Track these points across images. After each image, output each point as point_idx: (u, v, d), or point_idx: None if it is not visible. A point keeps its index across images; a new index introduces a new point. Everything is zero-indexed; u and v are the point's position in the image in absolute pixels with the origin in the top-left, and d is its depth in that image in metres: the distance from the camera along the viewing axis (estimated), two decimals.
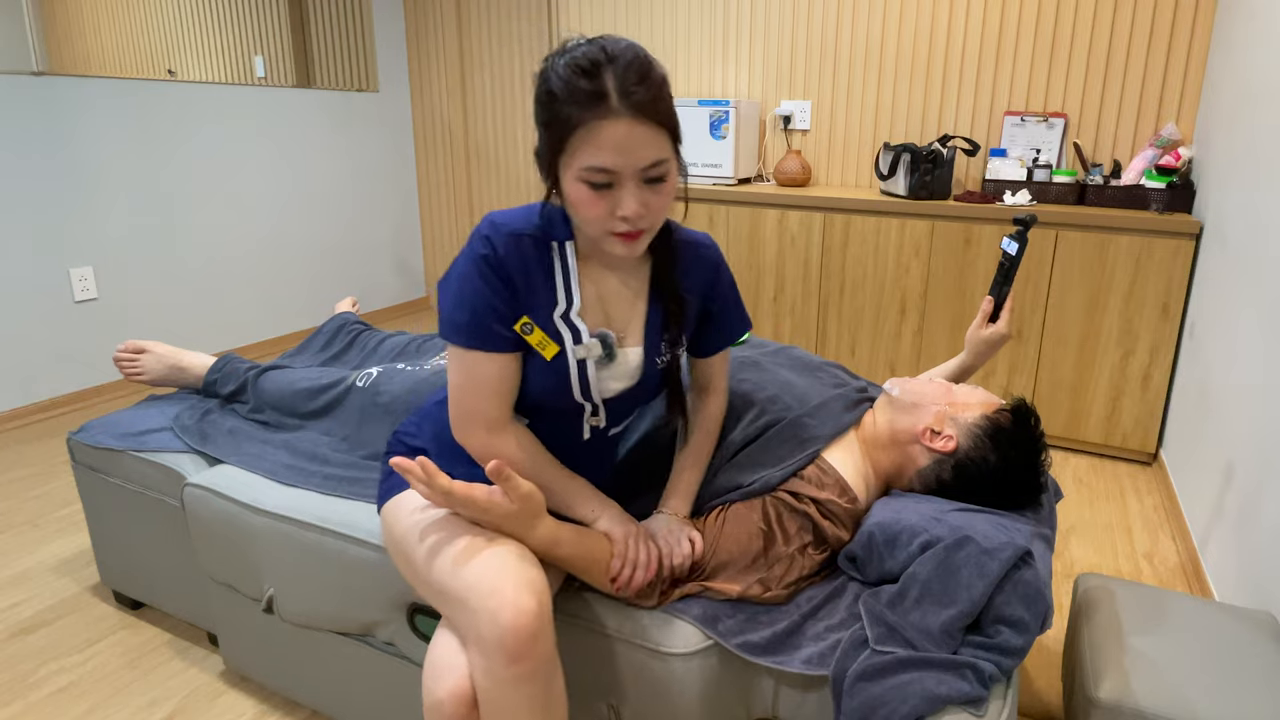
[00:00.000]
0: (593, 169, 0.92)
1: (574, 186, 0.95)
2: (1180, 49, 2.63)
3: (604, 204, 0.94)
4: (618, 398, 1.13)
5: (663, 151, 0.94)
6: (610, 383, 1.10)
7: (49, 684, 1.58)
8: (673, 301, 1.11)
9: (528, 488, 1.00)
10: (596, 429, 1.16)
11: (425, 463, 0.96)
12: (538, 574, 0.98)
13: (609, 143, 0.90)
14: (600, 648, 1.12)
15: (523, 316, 1.04)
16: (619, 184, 0.94)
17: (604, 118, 0.90)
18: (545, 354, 1.05)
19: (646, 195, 0.95)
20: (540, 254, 1.04)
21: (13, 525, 2.16)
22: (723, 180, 3.11)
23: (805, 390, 1.33)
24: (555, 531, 1.05)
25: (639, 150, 0.92)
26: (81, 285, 2.94)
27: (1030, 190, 2.68)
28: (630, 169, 0.93)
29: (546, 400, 1.08)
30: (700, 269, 1.15)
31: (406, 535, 1.07)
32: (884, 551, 1.12)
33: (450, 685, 0.96)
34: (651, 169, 0.94)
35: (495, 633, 0.92)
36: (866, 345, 2.89)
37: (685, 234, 1.15)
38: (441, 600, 1.00)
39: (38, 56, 2.72)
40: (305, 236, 3.80)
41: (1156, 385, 2.48)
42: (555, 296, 1.06)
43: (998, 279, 1.40)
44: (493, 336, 1.03)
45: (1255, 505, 1.61)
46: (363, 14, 3.91)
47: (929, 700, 0.94)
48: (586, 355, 1.07)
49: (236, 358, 1.79)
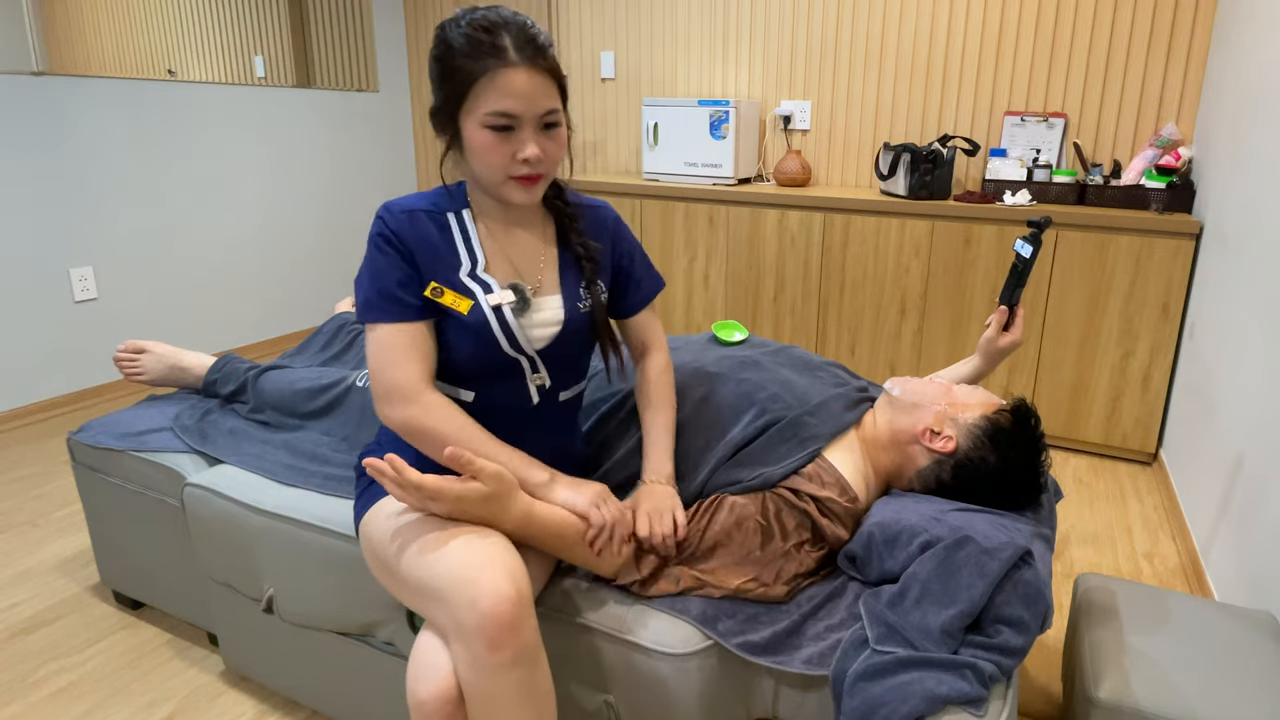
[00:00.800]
0: (496, 113, 1.00)
1: (477, 133, 1.02)
2: (1180, 49, 2.63)
3: (506, 148, 1.02)
4: (552, 348, 1.14)
5: (556, 101, 1.04)
6: (535, 330, 1.12)
7: (49, 684, 1.58)
8: (579, 239, 1.17)
9: (494, 466, 1.01)
10: (543, 389, 1.16)
11: (393, 459, 0.97)
12: (514, 560, 0.99)
13: (510, 89, 1.00)
14: (600, 647, 1.12)
15: (430, 283, 1.08)
16: (519, 128, 1.02)
17: (505, 67, 0.99)
18: (461, 309, 1.08)
19: (544, 140, 1.04)
20: (437, 225, 1.11)
21: (13, 525, 2.16)
22: (723, 180, 3.11)
23: (806, 389, 1.34)
24: (528, 506, 1.05)
25: (537, 97, 1.01)
26: (81, 285, 2.94)
27: (1030, 190, 2.68)
28: (530, 113, 1.01)
29: (479, 361, 1.10)
30: (600, 225, 1.22)
31: (381, 542, 1.07)
32: (884, 551, 1.12)
33: (433, 685, 0.96)
34: (548, 115, 1.03)
35: (475, 620, 0.92)
36: (866, 345, 2.89)
37: (581, 197, 1.23)
38: (420, 599, 1.00)
39: (38, 56, 2.72)
40: (305, 236, 3.80)
41: (1156, 385, 2.48)
42: (459, 259, 1.11)
43: (1010, 283, 1.39)
44: (400, 305, 1.07)
45: (1255, 505, 1.61)
46: (363, 14, 3.91)
47: (929, 700, 0.94)
48: (500, 301, 1.10)
49: (236, 358, 1.79)
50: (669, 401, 1.27)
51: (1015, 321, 1.40)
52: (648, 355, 1.30)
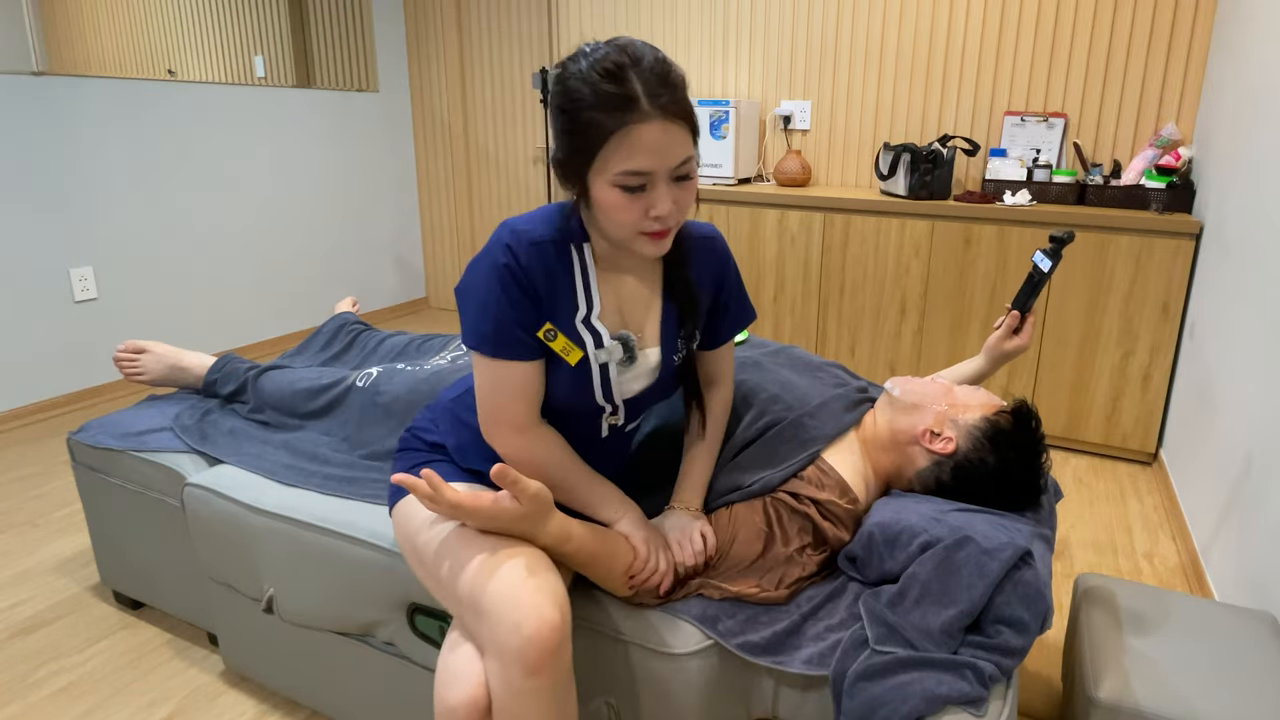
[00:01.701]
0: (629, 173, 0.93)
1: (607, 193, 0.95)
2: (1180, 49, 2.63)
3: (638, 206, 0.95)
4: (637, 396, 1.13)
5: (689, 149, 0.96)
6: (630, 384, 1.11)
7: (49, 684, 1.58)
8: (686, 298, 1.12)
9: (535, 488, 1.00)
10: (615, 427, 1.16)
11: (430, 475, 0.96)
12: (558, 582, 0.98)
13: (644, 146, 0.91)
14: (600, 647, 1.12)
15: (546, 324, 1.04)
16: (652, 185, 0.95)
17: (637, 122, 0.90)
18: (569, 359, 1.05)
19: (677, 193, 0.97)
20: (560, 259, 1.04)
21: (13, 525, 2.16)
22: (723, 180, 3.11)
23: (806, 390, 1.33)
24: (565, 527, 1.05)
25: (671, 151, 0.93)
26: (81, 285, 2.94)
27: (1030, 190, 2.68)
28: (664, 169, 0.94)
29: (569, 404, 1.09)
30: (710, 261, 1.16)
31: (423, 541, 1.06)
32: (884, 552, 1.12)
33: (464, 693, 0.95)
34: (681, 167, 0.95)
35: (516, 644, 0.91)
36: (866, 345, 2.89)
37: (692, 227, 1.15)
38: (459, 606, 1.00)
39: (38, 56, 2.72)
40: (305, 236, 3.80)
41: (1156, 385, 2.48)
42: (576, 302, 1.06)
43: (1025, 290, 1.38)
44: (517, 345, 1.02)
45: (1255, 505, 1.61)
46: (363, 14, 3.91)
47: (929, 700, 0.94)
48: (608, 359, 1.07)
49: (236, 358, 1.79)
50: (717, 439, 1.25)
51: (1024, 328, 1.40)
52: (714, 388, 1.25)
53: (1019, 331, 1.41)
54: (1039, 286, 1.38)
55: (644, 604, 1.12)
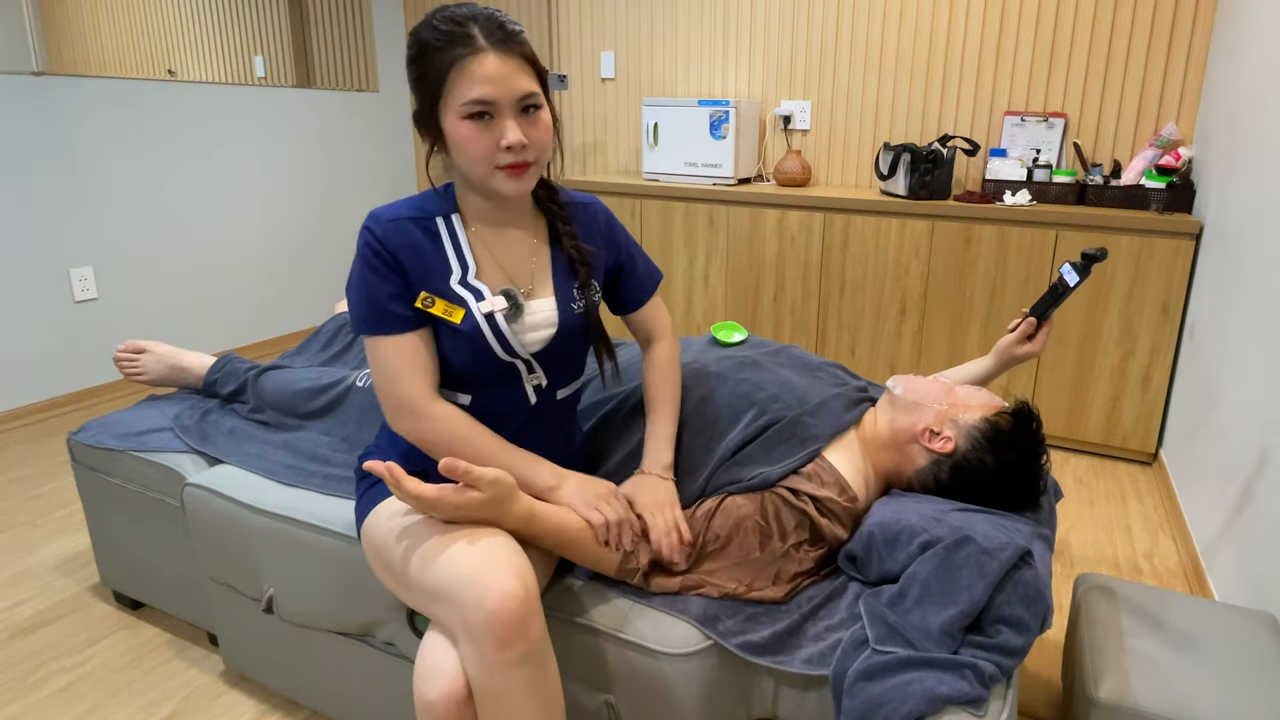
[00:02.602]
0: (472, 101, 0.98)
1: (457, 127, 1.01)
2: (1180, 49, 2.63)
3: (488, 137, 1.01)
4: (547, 350, 1.14)
5: (533, 85, 1.02)
6: (529, 335, 1.12)
7: (49, 684, 1.58)
8: (573, 241, 1.16)
9: (493, 473, 1.00)
10: (540, 389, 1.16)
11: (393, 467, 0.97)
12: (520, 559, 0.99)
13: (481, 75, 0.98)
14: (600, 647, 1.12)
15: (420, 293, 1.07)
16: (498, 115, 1.00)
17: (474, 54, 0.98)
18: (454, 319, 1.07)
19: (525, 126, 1.02)
20: (425, 232, 1.09)
21: (13, 525, 2.16)
22: (723, 180, 3.11)
23: (805, 389, 1.34)
24: (529, 507, 1.06)
25: (511, 81, 1.00)
26: (81, 285, 2.94)
27: (1030, 190, 2.68)
28: (506, 98, 0.99)
29: (475, 367, 1.10)
30: (592, 222, 1.21)
31: (384, 542, 1.07)
32: (884, 551, 1.12)
33: (441, 686, 0.96)
34: (526, 99, 1.01)
35: (483, 619, 0.92)
36: (866, 345, 2.89)
37: (572, 194, 1.21)
38: (426, 600, 1.00)
39: (38, 56, 2.72)
40: (305, 236, 3.80)
41: (1156, 385, 2.48)
42: (449, 266, 1.09)
43: (1046, 300, 1.38)
44: (394, 318, 1.06)
45: (1255, 505, 1.61)
46: (363, 14, 3.91)
47: (929, 700, 0.94)
48: (492, 309, 1.09)
49: (236, 358, 1.79)
50: (673, 391, 1.27)
51: (1039, 335, 1.40)
52: (653, 344, 1.31)
53: (1033, 338, 1.41)
54: (1061, 299, 1.37)
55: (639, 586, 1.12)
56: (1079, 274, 1.35)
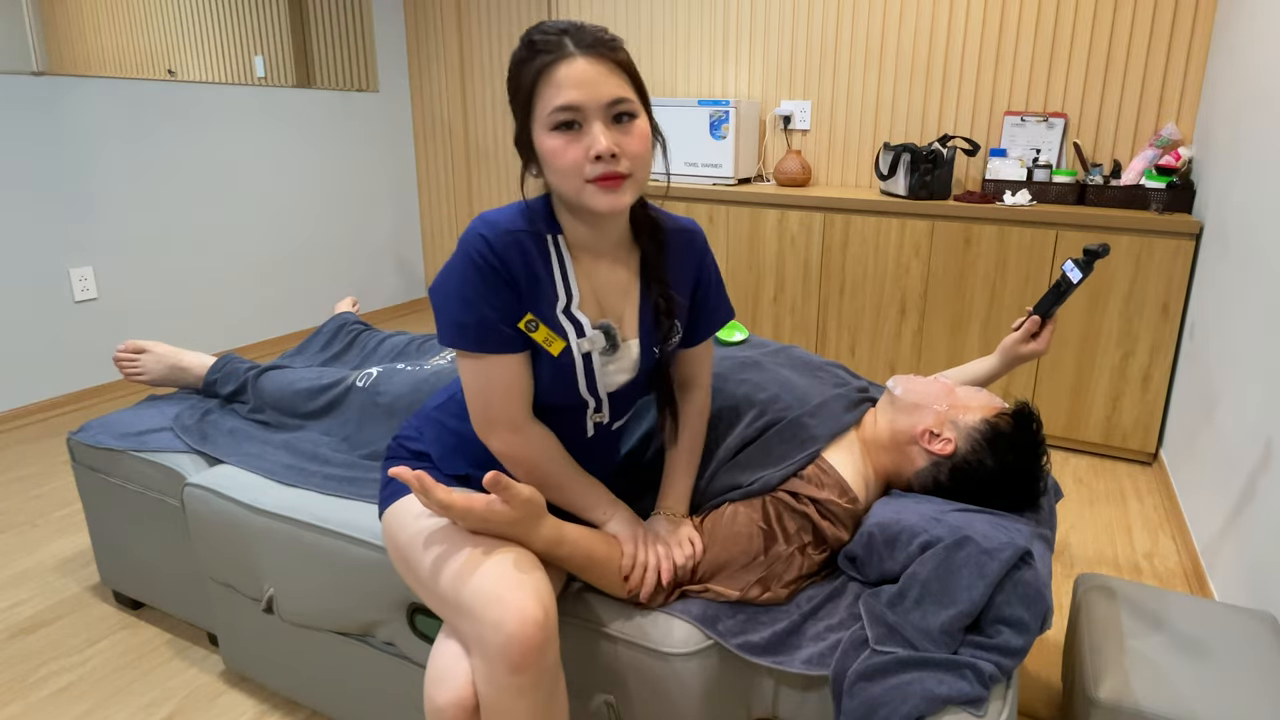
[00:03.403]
0: (558, 109, 0.92)
1: (546, 140, 0.94)
2: (1180, 49, 2.63)
3: (576, 148, 0.94)
4: (619, 391, 1.12)
5: (625, 91, 0.95)
6: (614, 376, 1.10)
7: (49, 684, 1.58)
8: (663, 289, 1.10)
9: (528, 493, 0.99)
10: (600, 425, 1.15)
11: (422, 476, 0.95)
12: (543, 582, 0.98)
13: (569, 81, 0.92)
14: (600, 647, 1.12)
15: (527, 314, 1.02)
16: (586, 123, 0.93)
17: (562, 59, 0.92)
18: (552, 350, 1.04)
19: (617, 135, 0.95)
20: (537, 248, 1.02)
21: (13, 525, 2.16)
22: (723, 180, 3.11)
23: (806, 390, 1.33)
24: (558, 531, 1.05)
25: (601, 86, 0.93)
26: (81, 285, 2.94)
27: (1030, 190, 2.68)
28: (594, 103, 0.93)
29: (553, 398, 1.08)
30: (688, 256, 1.14)
31: (410, 543, 1.06)
32: (884, 551, 1.12)
33: (452, 693, 0.95)
34: (616, 105, 0.94)
35: (499, 641, 0.91)
36: (866, 345, 2.89)
37: (671, 219, 1.14)
38: (445, 608, 1.00)
39: (38, 56, 2.72)
40: (305, 236, 3.80)
41: (1156, 385, 2.48)
42: (555, 291, 1.04)
43: (1050, 298, 1.37)
44: (501, 337, 1.01)
45: (1255, 505, 1.61)
46: (363, 14, 3.91)
47: (929, 700, 0.94)
48: (591, 348, 1.06)
49: (236, 358, 1.79)
50: (697, 443, 1.24)
51: (1043, 334, 1.40)
52: (690, 391, 1.23)
53: (1037, 336, 1.40)
54: (1064, 296, 1.36)
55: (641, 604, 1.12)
56: (1082, 270, 1.35)
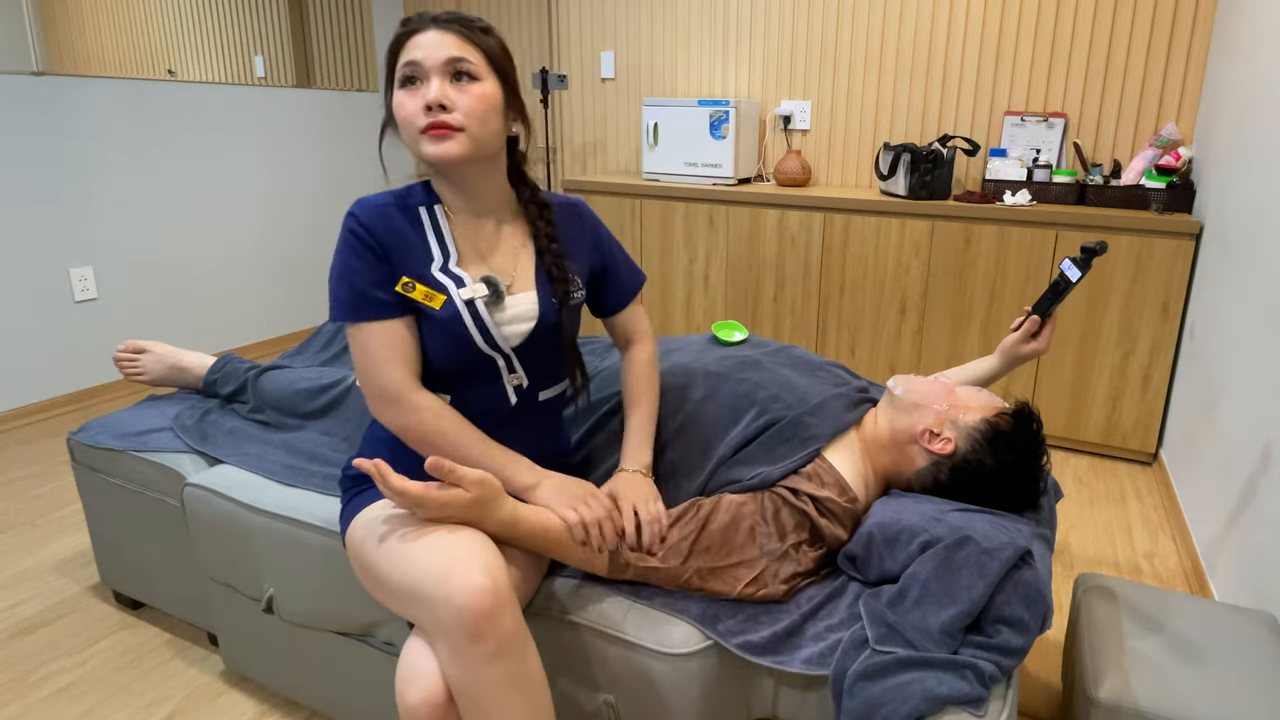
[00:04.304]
0: (402, 66, 1.04)
1: (395, 98, 1.05)
2: (1180, 49, 2.63)
3: (415, 100, 1.03)
4: (528, 347, 1.14)
5: (466, 53, 1.04)
6: (509, 326, 1.11)
7: (49, 684, 1.58)
8: (551, 248, 1.16)
9: (477, 474, 1.01)
10: (521, 389, 1.16)
11: (379, 463, 0.97)
12: (488, 553, 0.98)
13: (416, 45, 1.04)
14: (600, 647, 1.12)
15: (402, 277, 1.07)
16: (424, 79, 1.03)
17: (417, 30, 1.05)
18: (434, 305, 1.07)
19: (453, 91, 1.03)
20: (408, 219, 1.10)
21: (13, 525, 2.16)
22: (723, 180, 3.11)
23: (806, 389, 1.33)
24: (513, 510, 1.06)
25: (442, 48, 1.03)
26: (81, 285, 2.94)
27: (1030, 190, 2.68)
28: (432, 60, 1.02)
29: (454, 358, 1.09)
30: (576, 223, 1.22)
31: (363, 550, 1.06)
32: (884, 551, 1.12)
33: (422, 690, 0.96)
34: (455, 64, 1.03)
35: (453, 615, 0.92)
36: (866, 345, 2.89)
37: (554, 196, 1.22)
38: (403, 603, 1.00)
39: (38, 56, 2.72)
40: (305, 236, 3.80)
41: (1156, 385, 2.48)
42: (430, 253, 1.10)
43: (1048, 297, 1.37)
44: (376, 304, 1.06)
45: (1255, 505, 1.61)
46: (363, 14, 3.91)
47: (929, 700, 0.94)
48: (473, 295, 1.09)
49: (236, 358, 1.79)
50: (652, 390, 1.28)
51: (1043, 333, 1.40)
52: (632, 346, 1.31)
53: (1037, 336, 1.40)
54: (1063, 294, 1.36)
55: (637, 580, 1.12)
56: (1080, 269, 1.35)
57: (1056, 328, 2.55)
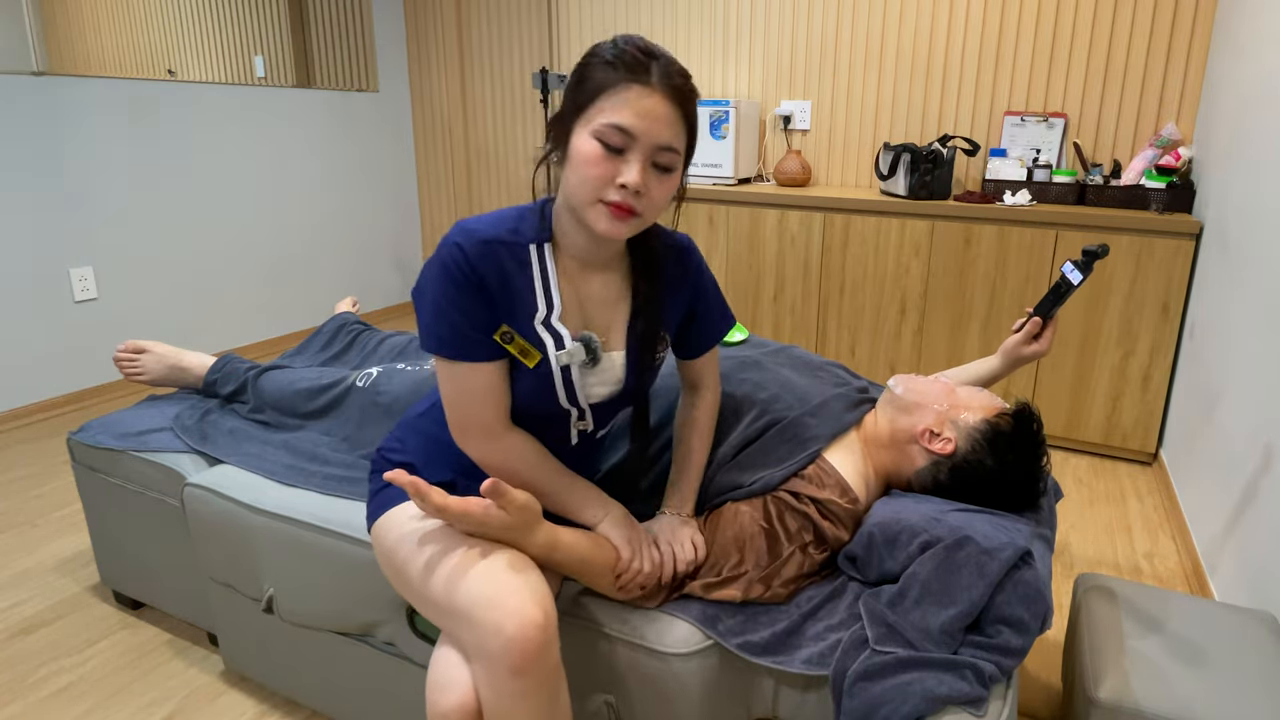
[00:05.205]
0: (613, 125, 0.92)
1: (585, 143, 0.93)
2: (1180, 49, 2.63)
3: (609, 166, 0.93)
4: (603, 402, 1.12)
5: (679, 141, 0.96)
6: (596, 388, 1.09)
7: (49, 684, 1.58)
8: (652, 308, 1.10)
9: (524, 498, 0.99)
10: (584, 433, 1.15)
11: (417, 482, 0.94)
12: (540, 584, 0.97)
13: (637, 107, 0.92)
14: (599, 647, 1.12)
15: (501, 325, 1.02)
16: (629, 152, 0.93)
17: (640, 84, 0.92)
18: (527, 363, 1.03)
19: (650, 178, 0.95)
20: (516, 259, 1.02)
21: (13, 525, 2.16)
22: (723, 180, 3.11)
23: (806, 390, 1.33)
24: (553, 536, 1.04)
25: (661, 125, 0.93)
26: (81, 285, 2.94)
27: (1030, 190, 2.68)
28: (647, 139, 0.93)
29: (533, 408, 1.07)
30: (680, 272, 1.15)
31: (400, 550, 1.05)
32: (884, 551, 1.12)
33: (455, 698, 0.95)
34: (664, 152, 0.95)
35: (499, 645, 0.91)
36: (866, 345, 2.89)
37: (666, 235, 1.14)
38: (441, 615, 0.99)
39: (38, 56, 2.72)
40: (305, 236, 3.80)
41: (1156, 385, 2.48)
42: (535, 302, 1.03)
43: (1049, 299, 1.37)
44: (475, 346, 1.01)
45: (1255, 505, 1.61)
46: (363, 14, 3.91)
47: (929, 700, 0.94)
48: (569, 361, 1.04)
49: (236, 358, 1.79)
50: (707, 444, 1.24)
51: (1045, 334, 1.40)
52: (698, 392, 1.25)
53: (1039, 337, 1.40)
54: (1064, 297, 1.36)
55: (639, 605, 1.12)
56: (1081, 271, 1.35)
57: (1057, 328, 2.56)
